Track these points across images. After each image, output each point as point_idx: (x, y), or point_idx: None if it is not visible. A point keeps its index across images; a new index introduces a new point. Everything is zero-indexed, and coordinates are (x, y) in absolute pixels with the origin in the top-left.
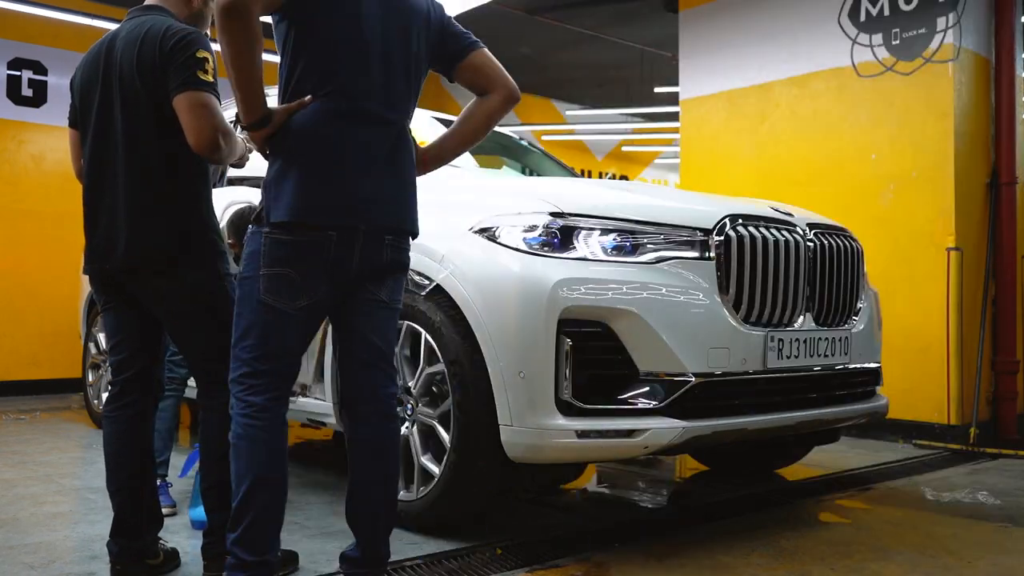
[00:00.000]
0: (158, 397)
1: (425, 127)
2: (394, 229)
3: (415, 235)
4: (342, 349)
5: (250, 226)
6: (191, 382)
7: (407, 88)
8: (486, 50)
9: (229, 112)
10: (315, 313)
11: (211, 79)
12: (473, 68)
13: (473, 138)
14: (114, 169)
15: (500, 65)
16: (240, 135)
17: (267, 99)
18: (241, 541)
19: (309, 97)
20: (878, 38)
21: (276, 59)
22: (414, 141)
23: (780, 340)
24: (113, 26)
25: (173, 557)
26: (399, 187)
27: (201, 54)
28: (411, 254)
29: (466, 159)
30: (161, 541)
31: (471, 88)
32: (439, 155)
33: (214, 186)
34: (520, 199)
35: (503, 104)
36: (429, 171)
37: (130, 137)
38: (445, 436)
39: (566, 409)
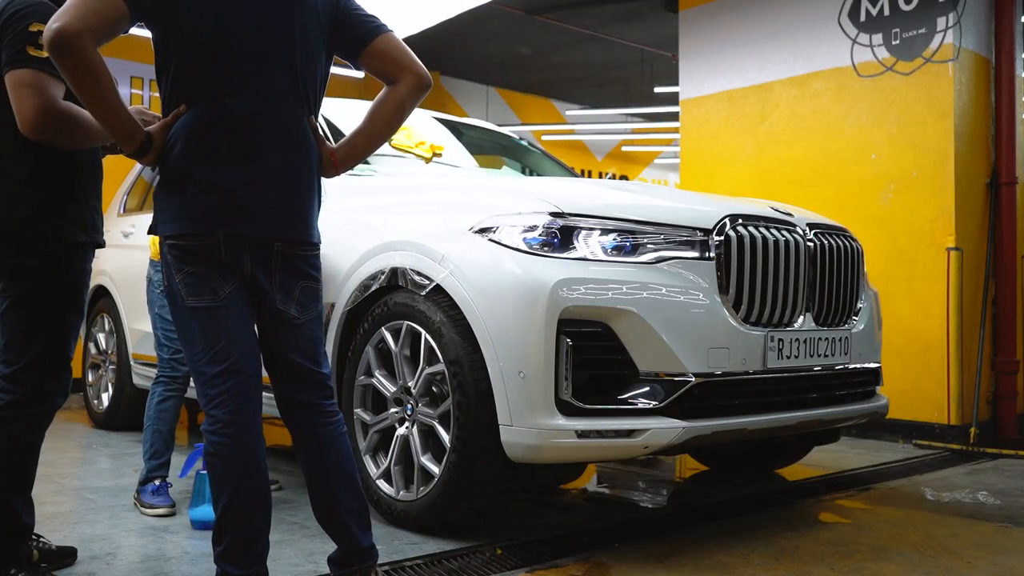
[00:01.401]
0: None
1: (425, 127)
2: (283, 237)
3: (312, 242)
4: (267, 364)
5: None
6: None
7: (296, 85)
8: (392, 34)
9: None
10: (243, 300)
11: (44, 55)
12: (377, 55)
13: (385, 132)
14: None
15: (408, 50)
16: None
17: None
18: (226, 556)
19: (183, 106)
20: (878, 38)
21: None
22: (321, 141)
23: (780, 340)
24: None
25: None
26: (289, 192)
27: (36, 27)
28: (411, 254)
29: (466, 159)
30: (42, 541)
31: (379, 76)
32: (350, 154)
33: None
34: (520, 199)
35: (413, 92)
36: (342, 171)
37: None
38: (445, 436)
39: (566, 409)
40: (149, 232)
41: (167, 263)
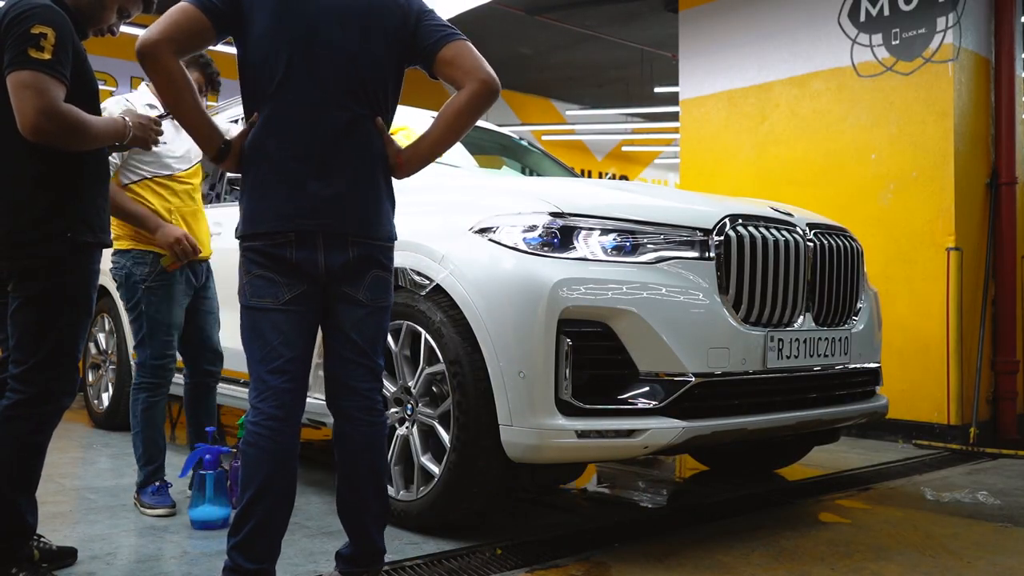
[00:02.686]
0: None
1: (425, 128)
2: (352, 231)
3: (382, 237)
4: (327, 349)
5: None
6: (181, 378)
7: (359, 88)
8: (461, 42)
9: (234, 111)
10: (305, 308)
11: (46, 56)
12: (446, 62)
13: (447, 137)
14: None
15: (475, 56)
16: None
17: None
18: (240, 547)
19: (256, 115)
20: (878, 38)
21: None
22: (388, 142)
23: (780, 340)
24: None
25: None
26: (354, 190)
27: (37, 29)
28: (411, 254)
29: (466, 159)
30: (42, 541)
31: (450, 84)
32: (414, 156)
33: (212, 188)
34: (520, 199)
35: (476, 98)
36: (408, 174)
37: None
38: (445, 436)
39: (566, 409)
40: (236, 236)
41: (241, 265)
